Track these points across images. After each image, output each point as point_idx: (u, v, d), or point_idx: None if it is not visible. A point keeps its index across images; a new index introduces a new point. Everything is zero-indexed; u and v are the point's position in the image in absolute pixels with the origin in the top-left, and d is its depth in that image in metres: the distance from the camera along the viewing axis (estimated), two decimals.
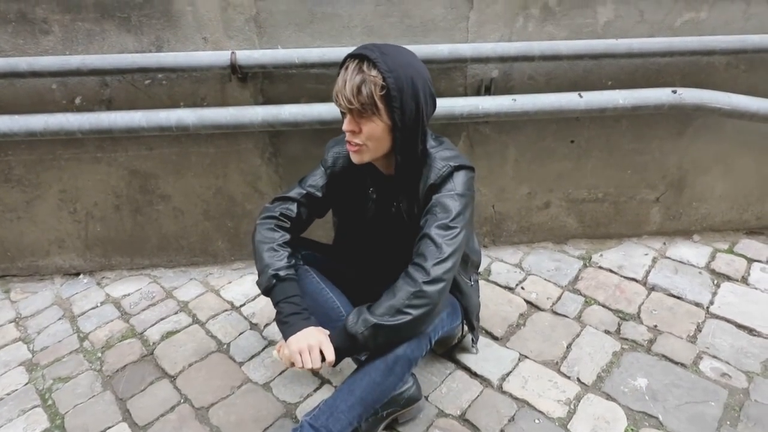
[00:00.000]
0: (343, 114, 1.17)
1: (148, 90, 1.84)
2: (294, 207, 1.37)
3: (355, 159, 1.21)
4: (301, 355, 1.15)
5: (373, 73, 1.08)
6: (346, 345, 1.16)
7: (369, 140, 1.16)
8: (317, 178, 1.39)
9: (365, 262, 1.50)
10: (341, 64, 1.14)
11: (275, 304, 1.25)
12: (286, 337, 1.20)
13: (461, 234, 1.18)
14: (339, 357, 1.17)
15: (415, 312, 1.13)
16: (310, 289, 1.37)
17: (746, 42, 1.77)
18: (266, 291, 1.28)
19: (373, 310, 1.15)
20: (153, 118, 1.74)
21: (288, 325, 1.21)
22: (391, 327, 1.13)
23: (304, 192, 1.38)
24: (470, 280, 1.49)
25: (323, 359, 1.15)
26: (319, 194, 1.38)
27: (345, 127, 1.16)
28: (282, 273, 1.26)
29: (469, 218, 1.23)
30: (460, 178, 1.21)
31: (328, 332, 1.20)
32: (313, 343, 1.16)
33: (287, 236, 1.34)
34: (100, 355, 1.75)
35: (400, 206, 1.30)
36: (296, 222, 1.37)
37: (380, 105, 1.11)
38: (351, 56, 1.13)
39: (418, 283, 1.13)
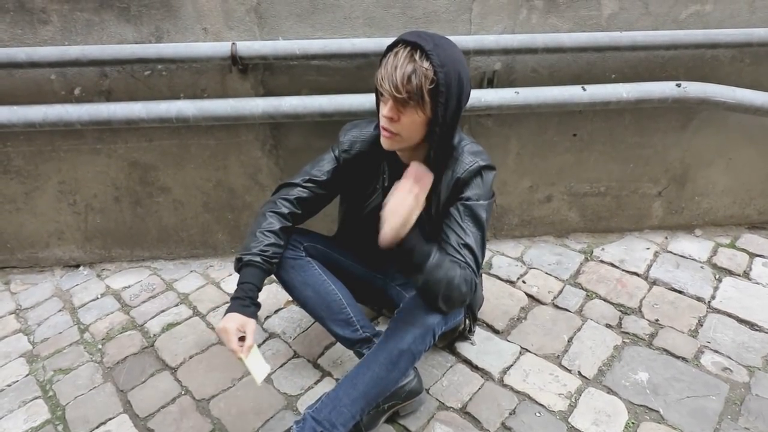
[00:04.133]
0: (380, 98, 1.16)
1: (147, 81, 1.82)
2: (295, 191, 1.36)
3: (386, 145, 1.20)
4: (220, 334, 1.20)
5: (426, 65, 1.06)
6: (411, 254, 1.13)
7: (405, 130, 1.15)
8: (324, 164, 1.38)
9: (369, 251, 1.49)
10: (390, 48, 1.12)
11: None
12: (225, 314, 1.24)
13: (486, 237, 1.25)
14: (401, 245, 1.12)
15: (450, 308, 1.22)
16: (312, 281, 1.37)
17: (752, 35, 1.76)
18: (237, 272, 1.31)
19: (447, 271, 1.15)
20: (153, 109, 1.73)
21: (229, 305, 1.24)
22: (435, 294, 1.17)
23: (309, 178, 1.37)
24: None
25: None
26: (325, 180, 1.37)
27: (385, 113, 1.13)
28: (246, 258, 1.28)
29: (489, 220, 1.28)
30: (487, 179, 1.23)
31: (253, 324, 1.22)
32: (230, 327, 1.18)
33: (275, 224, 1.33)
34: (100, 346, 1.75)
35: None
36: (296, 206, 1.37)
37: (427, 98, 1.09)
38: (403, 42, 1.10)
39: (470, 293, 1.19)
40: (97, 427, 1.46)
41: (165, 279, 2.09)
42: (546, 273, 1.98)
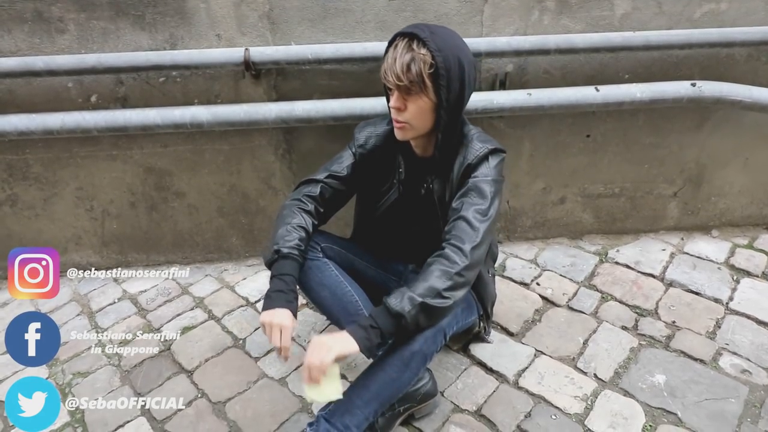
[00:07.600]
0: (389, 90, 1.21)
1: (162, 87, 1.84)
2: (318, 188, 1.37)
3: (399, 135, 1.25)
4: (265, 329, 1.17)
5: (423, 51, 1.11)
6: (389, 326, 1.11)
7: (413, 118, 1.19)
8: (344, 160, 1.40)
9: (385, 250, 1.50)
10: (390, 43, 1.17)
11: (270, 278, 1.25)
12: (263, 309, 1.20)
13: (494, 220, 1.22)
14: (382, 341, 1.12)
15: (454, 295, 1.14)
16: (329, 282, 1.37)
17: None
18: (268, 264, 1.28)
19: (414, 290, 1.12)
20: (168, 115, 1.75)
21: (270, 299, 1.20)
22: (434, 308, 1.12)
23: (330, 173, 1.38)
24: (488, 272, 1.49)
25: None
26: (345, 175, 1.38)
27: (392, 103, 1.19)
28: (284, 250, 1.26)
29: (499, 204, 1.26)
30: (494, 161, 1.26)
31: (296, 322, 1.19)
32: (276, 322, 1.15)
33: (304, 220, 1.33)
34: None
35: (431, 188, 1.32)
36: (320, 203, 1.37)
37: (428, 83, 1.13)
38: (401, 34, 1.15)
39: (457, 266, 1.14)
40: (115, 430, 1.48)
41: (180, 283, 2.11)
42: (560, 275, 1.96)
